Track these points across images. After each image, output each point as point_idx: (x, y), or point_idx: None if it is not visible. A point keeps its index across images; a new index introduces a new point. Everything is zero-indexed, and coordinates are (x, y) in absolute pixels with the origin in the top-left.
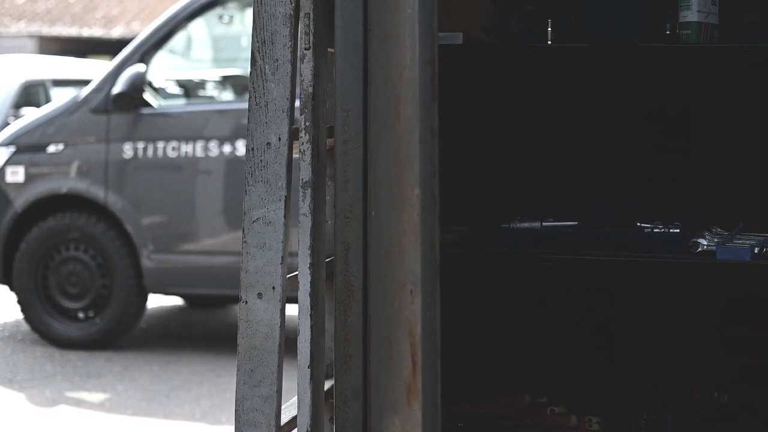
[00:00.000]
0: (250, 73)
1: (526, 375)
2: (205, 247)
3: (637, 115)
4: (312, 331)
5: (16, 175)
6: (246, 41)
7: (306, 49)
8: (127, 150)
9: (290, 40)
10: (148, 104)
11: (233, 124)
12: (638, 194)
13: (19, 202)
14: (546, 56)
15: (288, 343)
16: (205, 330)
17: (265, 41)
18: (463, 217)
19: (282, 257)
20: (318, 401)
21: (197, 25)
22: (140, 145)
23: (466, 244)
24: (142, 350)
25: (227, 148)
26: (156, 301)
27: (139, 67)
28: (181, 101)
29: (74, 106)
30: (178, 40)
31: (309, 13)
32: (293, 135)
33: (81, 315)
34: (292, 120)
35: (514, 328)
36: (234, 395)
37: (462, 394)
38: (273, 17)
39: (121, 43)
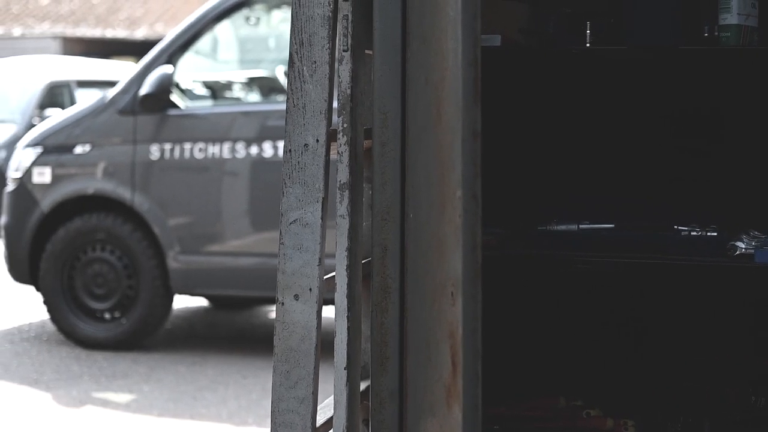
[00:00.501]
0: (288, 74)
1: (560, 377)
2: (231, 249)
3: (675, 118)
4: (349, 333)
5: (42, 175)
6: (273, 43)
7: (344, 50)
8: (154, 151)
9: (328, 42)
10: (175, 105)
11: (260, 126)
12: (675, 197)
13: (46, 202)
14: (584, 58)
15: (322, 344)
16: (230, 331)
17: (303, 43)
18: (499, 219)
19: (319, 259)
20: (354, 403)
21: (224, 27)
22: (167, 146)
23: (502, 246)
24: (168, 351)
25: (254, 150)
26: (181, 302)
27: (167, 69)
28: (208, 103)
29: (101, 108)
30: (204, 42)
31: (347, 15)
32: (331, 137)
33: (107, 315)
34: (329, 122)
35: (549, 330)
36: (260, 397)
37: (497, 396)
38: (311, 19)
39: (145, 44)
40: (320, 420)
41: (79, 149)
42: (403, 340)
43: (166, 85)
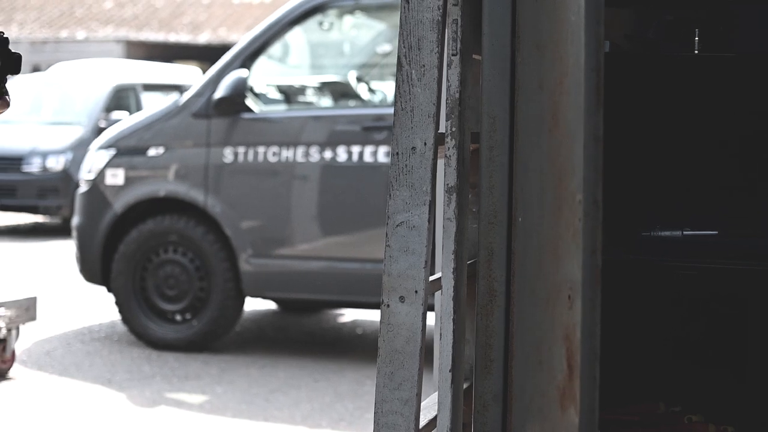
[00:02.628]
0: (396, 78)
1: (660, 383)
2: (302, 252)
3: None
4: (454, 335)
5: (115, 177)
6: (345, 48)
7: (453, 55)
8: (228, 154)
9: (437, 46)
10: (249, 109)
11: (333, 131)
12: None
13: (119, 204)
14: (691, 65)
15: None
16: (299, 335)
17: (411, 46)
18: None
19: (425, 261)
20: (458, 405)
21: (297, 32)
22: (240, 149)
23: (605, 252)
24: (239, 353)
25: (327, 154)
26: (250, 305)
27: (242, 72)
28: (282, 107)
29: (175, 111)
30: (277, 46)
31: (457, 20)
32: (438, 140)
33: (178, 317)
34: (437, 125)
35: (650, 336)
36: (333, 400)
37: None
38: (420, 23)
39: (208, 48)
40: (422, 422)
41: (152, 152)
42: (508, 343)
43: (241, 88)
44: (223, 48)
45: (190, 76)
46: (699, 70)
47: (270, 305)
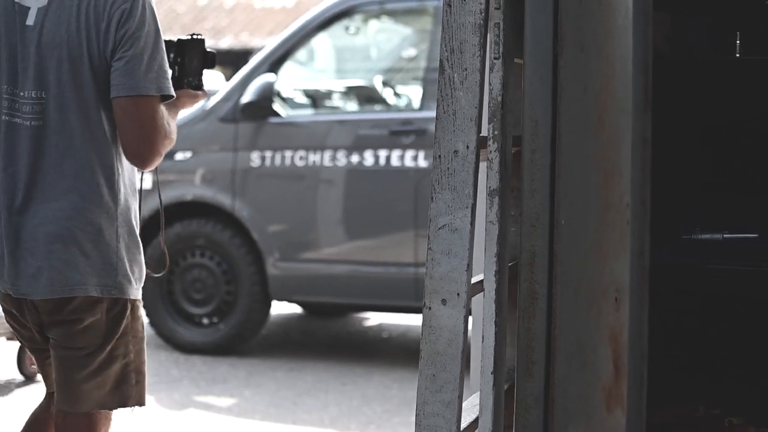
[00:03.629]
0: (438, 81)
1: (699, 385)
2: (330, 256)
3: None
4: (496, 338)
5: (143, 181)
6: (371, 53)
7: (495, 58)
8: (255, 158)
9: (479, 50)
10: (276, 113)
11: (360, 135)
12: None
13: (146, 208)
14: (731, 68)
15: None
16: (325, 338)
17: (453, 50)
18: None
19: (467, 264)
20: (499, 407)
21: (323, 36)
22: (268, 153)
23: None
24: (265, 357)
25: (354, 158)
26: (275, 309)
27: (269, 77)
28: (309, 111)
29: (202, 115)
30: (304, 51)
31: (499, 23)
32: (480, 143)
33: (205, 321)
34: (479, 128)
35: (688, 338)
36: (360, 404)
37: None
38: (462, 27)
39: (230, 53)
40: (463, 424)
41: (179, 156)
42: (550, 345)
43: (268, 93)
44: (245, 53)
45: (213, 80)
46: (740, 72)
47: (295, 309)
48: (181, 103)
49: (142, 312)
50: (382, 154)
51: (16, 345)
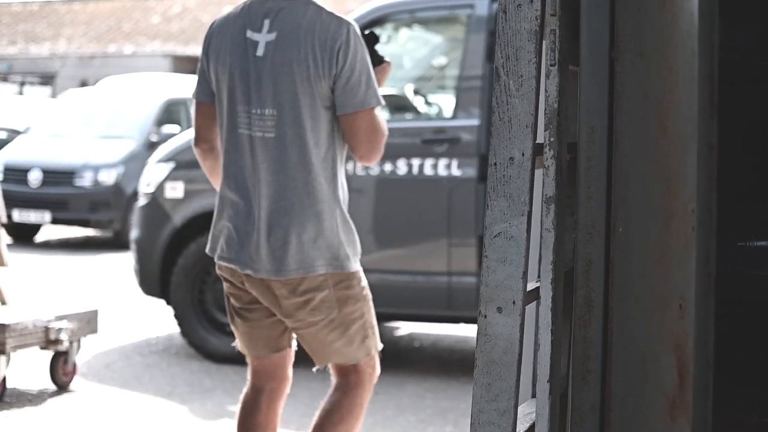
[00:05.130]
0: (494, 88)
1: (750, 394)
2: (362, 265)
3: None
4: (552, 346)
5: (175, 190)
6: (402, 61)
7: (551, 65)
8: None
9: (535, 57)
10: None
11: (392, 143)
12: None
13: (178, 217)
14: None
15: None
16: None
17: (509, 57)
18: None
19: (523, 272)
20: (555, 416)
21: None
22: None
23: None
24: (297, 367)
25: (387, 167)
26: None
27: None
28: None
29: None
30: None
31: (555, 30)
32: (536, 150)
33: None
34: (535, 135)
35: (742, 346)
36: (395, 413)
37: None
38: (518, 33)
39: None
40: None
41: None
42: (607, 353)
43: None
44: None
45: None
46: None
47: None
48: (380, 83)
49: (364, 280)
50: (415, 162)
51: (48, 355)
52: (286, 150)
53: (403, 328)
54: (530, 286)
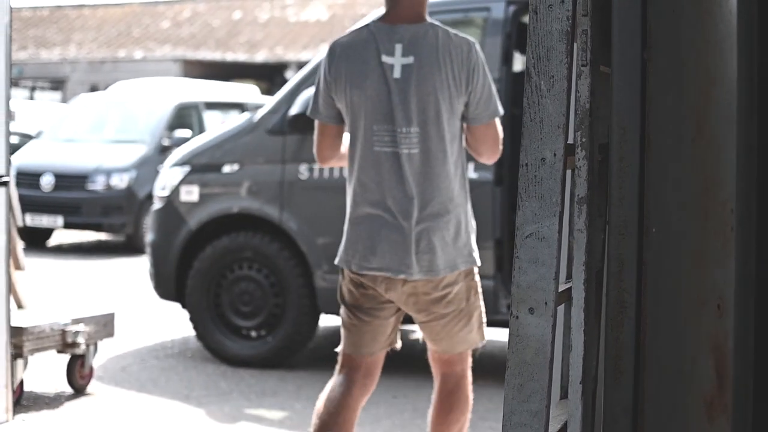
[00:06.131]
0: (525, 89)
1: None
2: None
3: None
4: (585, 347)
5: (190, 194)
6: None
7: (583, 65)
8: (303, 170)
9: (566, 57)
10: None
11: None
12: None
13: (193, 221)
14: None
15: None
16: None
17: (540, 57)
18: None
19: (555, 273)
20: (588, 417)
21: None
22: (316, 165)
23: None
24: (314, 370)
25: None
26: (320, 322)
27: None
28: None
29: (249, 127)
30: None
31: (586, 30)
32: (567, 151)
33: (253, 333)
34: (566, 136)
35: None
36: (413, 416)
37: None
38: (549, 34)
39: (264, 67)
40: None
41: (227, 168)
42: (640, 354)
43: None
44: (280, 66)
45: (249, 94)
46: None
47: (339, 322)
48: None
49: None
50: None
51: (65, 358)
52: (429, 163)
53: (418, 332)
54: (561, 287)
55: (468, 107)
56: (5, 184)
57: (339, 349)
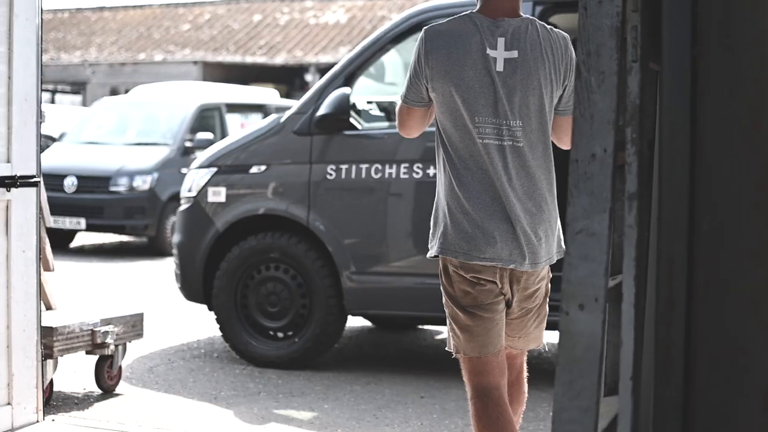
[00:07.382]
0: (575, 85)
1: None
2: (407, 269)
3: None
4: (635, 344)
5: (218, 195)
6: None
7: (633, 61)
8: (330, 171)
9: (616, 53)
10: (351, 126)
11: (430, 146)
12: None
13: (220, 222)
14: None
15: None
16: (399, 351)
17: (590, 53)
18: None
19: (606, 268)
20: (638, 413)
21: (396, 49)
22: (343, 166)
23: None
24: (340, 371)
25: (431, 171)
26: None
27: (345, 90)
28: (383, 123)
29: (276, 128)
30: (375, 64)
31: (636, 26)
32: (617, 147)
33: (280, 334)
34: (616, 132)
35: None
36: (441, 417)
37: None
38: (599, 30)
39: (284, 69)
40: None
41: (254, 169)
42: (691, 351)
43: (345, 106)
44: (300, 69)
45: (270, 96)
46: None
47: (365, 323)
48: None
49: None
50: None
51: (93, 359)
52: (534, 155)
53: (444, 333)
54: (613, 282)
55: (561, 100)
56: (36, 184)
57: (460, 355)
